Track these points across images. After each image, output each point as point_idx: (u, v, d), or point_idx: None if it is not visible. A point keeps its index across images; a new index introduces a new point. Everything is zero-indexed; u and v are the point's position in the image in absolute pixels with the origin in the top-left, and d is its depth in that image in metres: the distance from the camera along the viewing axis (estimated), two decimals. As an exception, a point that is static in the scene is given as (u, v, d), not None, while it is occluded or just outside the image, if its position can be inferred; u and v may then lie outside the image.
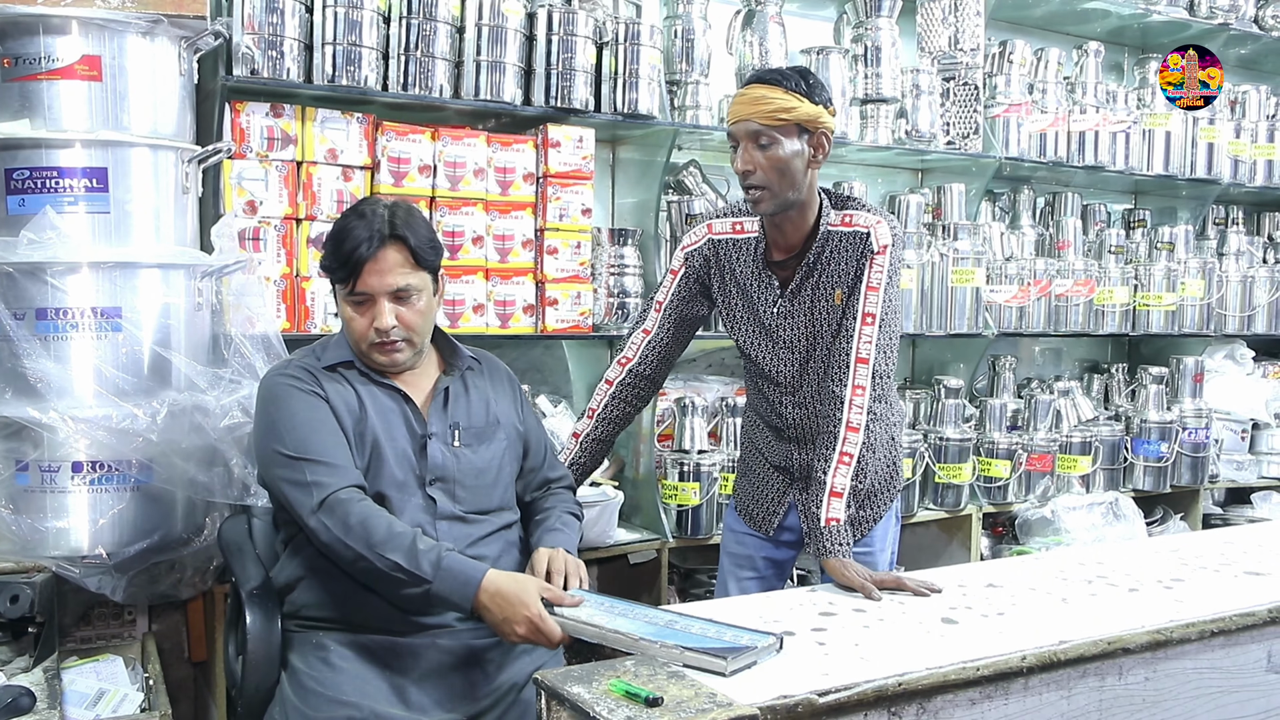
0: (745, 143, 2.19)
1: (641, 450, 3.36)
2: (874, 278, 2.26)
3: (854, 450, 2.20)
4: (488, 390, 2.17)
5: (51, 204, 2.22)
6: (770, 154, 2.17)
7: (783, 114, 2.15)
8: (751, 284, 2.37)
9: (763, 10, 3.52)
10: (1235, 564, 2.15)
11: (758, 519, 2.50)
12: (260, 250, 2.72)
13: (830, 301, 2.30)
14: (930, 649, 1.60)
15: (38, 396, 2.20)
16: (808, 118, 2.17)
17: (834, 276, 2.29)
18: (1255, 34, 4.58)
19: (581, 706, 1.33)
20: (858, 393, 2.23)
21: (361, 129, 2.84)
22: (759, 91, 2.18)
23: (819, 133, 2.20)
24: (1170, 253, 4.38)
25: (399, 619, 1.95)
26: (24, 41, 2.23)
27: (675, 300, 2.45)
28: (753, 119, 2.16)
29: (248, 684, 1.95)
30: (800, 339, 2.34)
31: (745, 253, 2.37)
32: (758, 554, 2.52)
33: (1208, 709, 1.76)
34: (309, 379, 2.01)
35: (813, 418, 2.37)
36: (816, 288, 2.31)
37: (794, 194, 2.21)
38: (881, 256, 2.26)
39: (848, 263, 2.28)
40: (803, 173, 2.20)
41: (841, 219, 2.29)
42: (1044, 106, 4.07)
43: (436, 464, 2.04)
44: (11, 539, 2.23)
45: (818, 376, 2.34)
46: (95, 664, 2.29)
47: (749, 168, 2.18)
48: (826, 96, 2.22)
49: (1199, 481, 4.26)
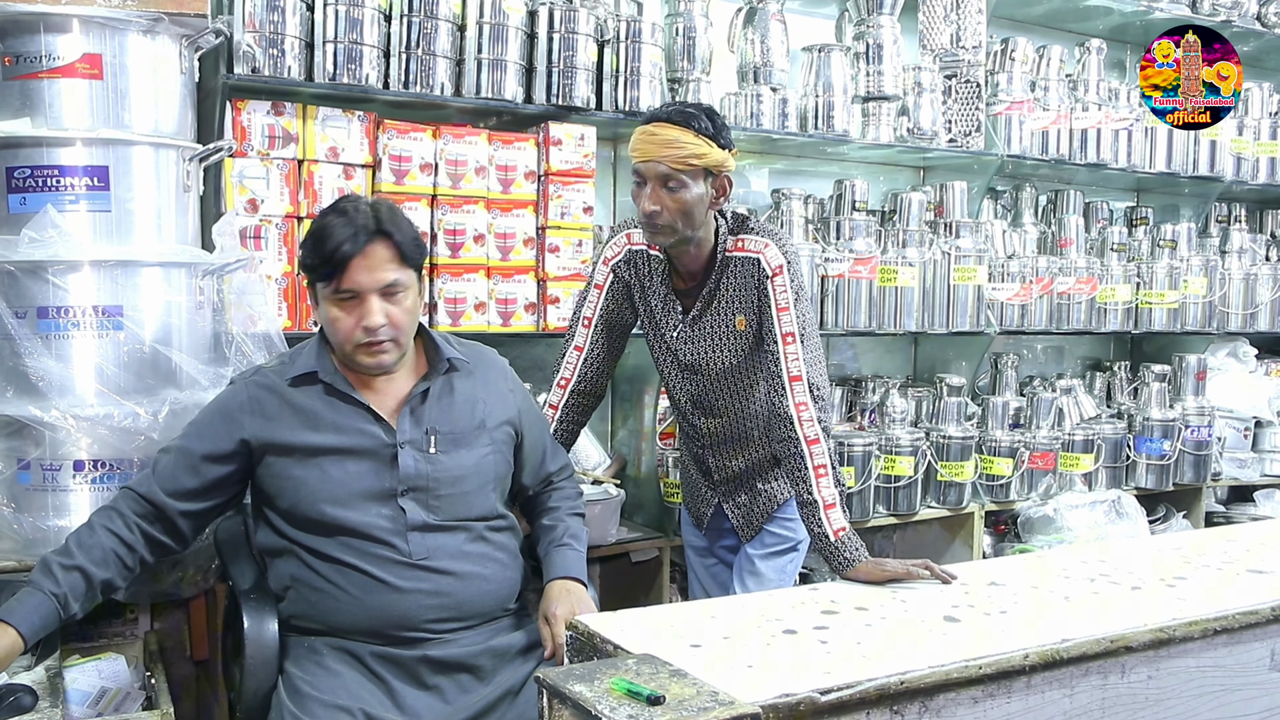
0: (653, 183, 2.21)
1: (643, 449, 3.36)
2: (780, 299, 2.30)
3: (824, 460, 2.24)
4: (475, 390, 2.12)
5: (53, 202, 2.22)
6: (677, 196, 2.20)
7: (693, 159, 2.18)
8: (658, 306, 2.44)
9: (764, 8, 3.52)
10: (1238, 562, 2.15)
11: (694, 514, 2.68)
12: (261, 248, 2.71)
13: (732, 327, 2.37)
14: (933, 647, 1.60)
15: (39, 395, 2.20)
16: (716, 164, 2.21)
17: (734, 303, 2.35)
18: (1258, 31, 4.57)
19: (583, 705, 1.33)
20: (802, 409, 2.27)
21: (363, 127, 2.84)
22: (671, 134, 2.19)
23: (722, 176, 2.24)
24: (1173, 250, 4.37)
25: (385, 629, 1.95)
26: (25, 40, 2.23)
27: (604, 312, 2.48)
28: (663, 161, 2.18)
29: (246, 687, 1.94)
30: (702, 363, 2.42)
31: (655, 271, 2.42)
32: (714, 544, 2.67)
33: (1210, 707, 1.76)
34: (248, 406, 2.01)
35: (723, 426, 2.49)
36: (716, 314, 2.37)
37: (693, 232, 2.26)
38: (780, 278, 2.30)
39: (746, 289, 2.33)
40: (704, 212, 2.25)
41: (735, 244, 2.33)
42: (1046, 104, 4.06)
43: (409, 473, 1.99)
44: (13, 538, 2.23)
45: (723, 394, 2.45)
46: (97, 662, 2.29)
47: (655, 208, 2.21)
48: (730, 139, 2.26)
49: (1201, 479, 4.25)
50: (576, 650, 1.73)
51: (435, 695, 1.95)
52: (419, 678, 1.95)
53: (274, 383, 2.03)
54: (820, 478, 2.23)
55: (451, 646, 1.98)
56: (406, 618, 1.95)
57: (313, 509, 1.96)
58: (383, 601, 1.94)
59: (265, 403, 2.01)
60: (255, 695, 1.94)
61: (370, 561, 1.95)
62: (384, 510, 1.98)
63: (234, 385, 2.09)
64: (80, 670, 2.24)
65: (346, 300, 1.95)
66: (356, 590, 1.95)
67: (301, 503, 1.97)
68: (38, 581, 1.86)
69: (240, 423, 2.00)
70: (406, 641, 1.96)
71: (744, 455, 2.52)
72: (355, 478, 1.98)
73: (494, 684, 1.98)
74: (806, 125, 3.58)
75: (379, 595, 1.94)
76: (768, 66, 3.54)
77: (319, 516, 1.96)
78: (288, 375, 2.03)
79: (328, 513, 1.96)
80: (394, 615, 1.95)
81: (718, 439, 2.52)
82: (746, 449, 2.51)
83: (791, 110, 3.52)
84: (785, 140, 3.59)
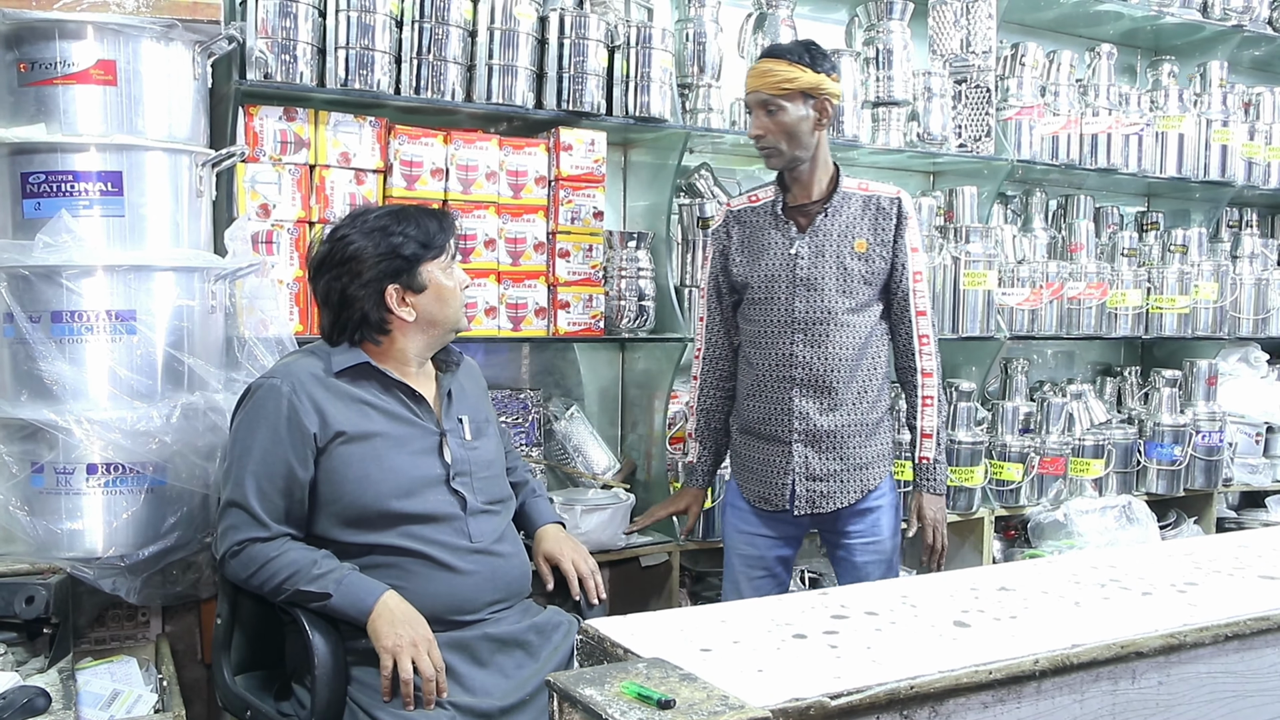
0: (757, 110, 2.51)
1: (653, 453, 3.37)
2: (913, 240, 2.58)
3: (933, 393, 2.59)
4: (470, 385, 2.26)
5: (67, 207, 2.24)
6: (777, 119, 2.48)
7: (786, 84, 2.46)
8: (769, 231, 2.60)
9: (774, 13, 3.53)
10: (1249, 568, 2.14)
11: (771, 498, 2.62)
12: (273, 253, 2.73)
13: (851, 247, 2.55)
14: (942, 652, 1.59)
15: (53, 399, 2.21)
16: (810, 86, 2.47)
17: (854, 228, 2.55)
18: (1269, 36, 4.56)
19: (594, 709, 1.33)
20: (924, 341, 2.59)
21: (374, 132, 2.85)
22: (766, 65, 2.50)
23: (822, 98, 2.50)
24: (1183, 255, 4.35)
25: (446, 615, 1.99)
26: (40, 46, 2.25)
27: (714, 279, 2.71)
28: (761, 90, 2.48)
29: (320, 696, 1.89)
30: (818, 276, 2.54)
31: (762, 212, 2.63)
32: (769, 552, 2.65)
33: (1222, 713, 1.76)
34: (301, 398, 1.99)
35: (824, 359, 2.55)
36: (835, 232, 2.55)
37: (802, 152, 2.51)
38: (913, 220, 2.58)
39: (868, 221, 2.55)
40: (809, 134, 2.50)
41: (858, 184, 2.59)
42: (1056, 109, 4.06)
43: (457, 458, 2.09)
44: (27, 540, 2.24)
45: (832, 319, 2.54)
46: (110, 665, 2.30)
47: (759, 132, 2.50)
48: (829, 65, 2.52)
49: (1213, 485, 4.23)
50: (587, 654, 1.73)
51: (497, 672, 2.01)
52: (479, 657, 2.00)
53: (320, 374, 2.04)
54: (926, 407, 2.59)
55: (502, 625, 2.05)
56: (470, 600, 2.02)
57: (377, 503, 2.00)
58: (448, 587, 2.00)
59: (317, 396, 2.01)
60: (329, 706, 1.92)
61: (436, 548, 2.01)
62: (442, 496, 2.05)
63: (269, 390, 2.02)
64: (92, 673, 2.25)
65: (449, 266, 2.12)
66: (420, 579, 1.99)
67: (365, 497, 1.99)
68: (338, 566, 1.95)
69: (296, 420, 1.99)
70: (464, 625, 2.01)
71: (834, 407, 2.56)
72: (412, 465, 2.03)
73: (543, 659, 2.06)
74: (816, 130, 3.58)
75: (443, 581, 2.00)
76: (778, 72, 3.54)
77: (384, 509, 1.99)
78: (334, 370, 2.04)
79: (393, 506, 2.00)
80: (457, 599, 2.01)
81: (812, 376, 2.55)
82: (835, 399, 2.56)
83: (801, 115, 3.52)
84: (795, 145, 3.59)
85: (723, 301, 2.70)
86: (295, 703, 2.01)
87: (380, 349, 2.10)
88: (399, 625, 1.88)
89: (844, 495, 2.58)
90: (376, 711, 1.90)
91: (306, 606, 1.93)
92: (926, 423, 2.58)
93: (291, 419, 1.98)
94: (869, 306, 2.58)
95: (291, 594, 1.92)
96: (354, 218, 2.11)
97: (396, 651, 1.87)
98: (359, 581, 1.93)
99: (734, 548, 2.70)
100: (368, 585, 1.93)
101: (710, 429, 2.77)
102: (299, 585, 1.91)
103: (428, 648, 1.89)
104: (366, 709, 1.91)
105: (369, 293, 2.05)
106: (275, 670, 2.14)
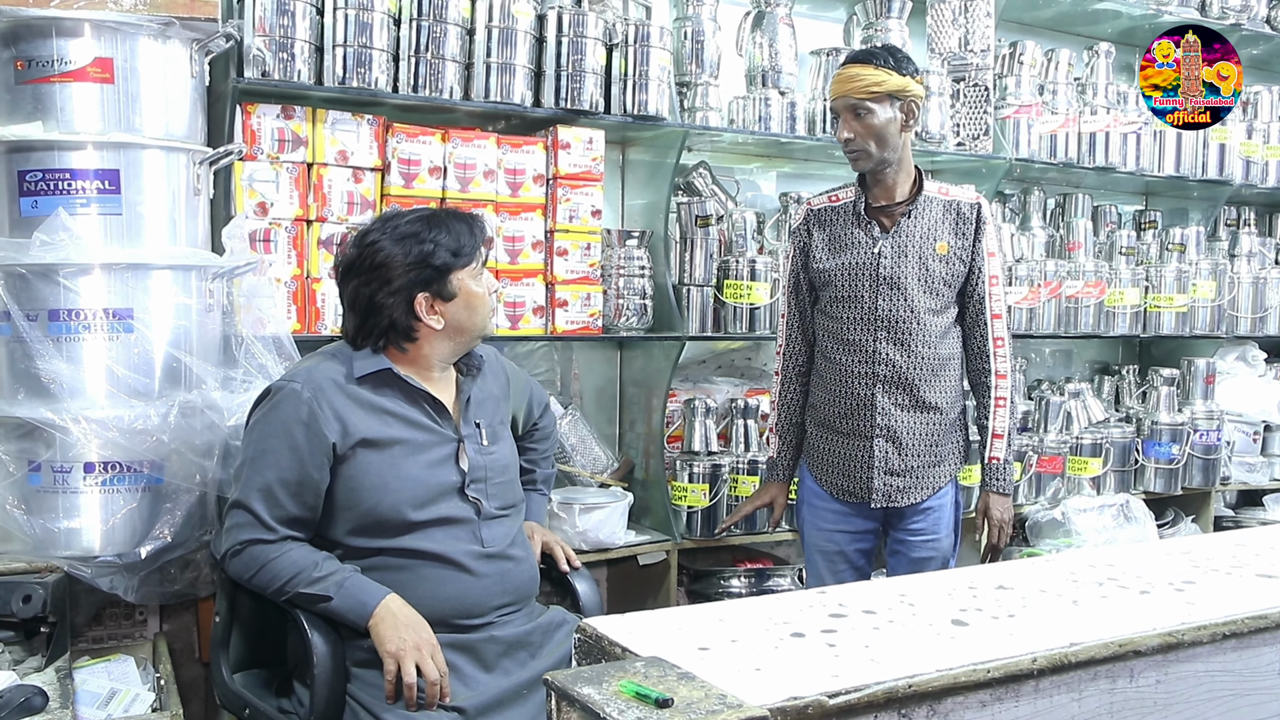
0: (845, 114, 2.55)
1: (651, 451, 3.36)
2: (991, 244, 2.64)
3: (1006, 394, 2.63)
4: (491, 388, 2.23)
5: (64, 206, 2.24)
6: (865, 122, 2.53)
7: (874, 87, 2.51)
8: (851, 231, 2.64)
9: (772, 12, 3.52)
10: (1247, 566, 2.14)
11: (852, 489, 2.67)
12: (271, 252, 2.72)
13: (933, 249, 2.60)
14: (941, 651, 1.59)
15: (50, 397, 2.21)
16: (897, 88, 2.52)
17: (935, 230, 2.61)
18: (1267, 34, 4.56)
19: (591, 708, 1.33)
20: (999, 344, 2.63)
21: (372, 130, 2.85)
22: (853, 70, 2.54)
23: (908, 100, 2.55)
24: (1181, 254, 4.36)
25: (455, 618, 2.00)
26: (37, 44, 2.25)
27: (794, 276, 2.74)
28: (850, 94, 2.53)
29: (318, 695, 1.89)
30: (901, 276, 2.58)
31: (843, 212, 2.67)
32: (849, 547, 2.72)
33: (1220, 712, 1.76)
34: (321, 404, 1.97)
35: (908, 357, 2.60)
36: (918, 234, 2.60)
37: (890, 154, 2.56)
38: (991, 225, 2.64)
39: (949, 225, 2.61)
40: (896, 135, 2.56)
41: (939, 189, 2.65)
42: (1054, 107, 4.06)
43: (475, 464, 2.09)
44: (24, 539, 2.24)
45: (915, 318, 2.59)
46: (107, 664, 2.30)
47: (849, 135, 2.55)
48: (913, 68, 2.57)
49: (1210, 484, 4.24)
50: (584, 652, 1.73)
51: (501, 674, 2.02)
52: (484, 660, 2.01)
53: (338, 383, 2.01)
54: (999, 408, 2.63)
55: (509, 627, 2.06)
56: (479, 605, 2.03)
57: (394, 511, 1.99)
58: (458, 591, 2.01)
59: (337, 404, 1.99)
60: (328, 705, 1.91)
61: (449, 553, 2.01)
62: (458, 502, 2.05)
63: (290, 395, 1.97)
64: (90, 671, 2.25)
65: (479, 273, 2.09)
66: (431, 583, 2.00)
67: (382, 506, 1.98)
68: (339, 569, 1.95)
69: (314, 428, 1.96)
70: (471, 629, 2.02)
71: (915, 405, 2.60)
72: (429, 474, 2.03)
73: (543, 655, 2.07)
74: (815, 128, 3.58)
75: (454, 586, 2.01)
76: (776, 70, 3.54)
77: (401, 518, 1.99)
78: (356, 375, 2.02)
79: (409, 515, 1.99)
80: (467, 603, 2.02)
81: (896, 374, 2.59)
82: (917, 397, 2.59)
83: (800, 113, 3.53)
84: (793, 144, 3.59)
85: (801, 299, 2.74)
86: (296, 700, 2.01)
87: (405, 355, 2.07)
88: (402, 629, 1.88)
89: (918, 491, 2.64)
90: (380, 712, 1.90)
91: (307, 608, 1.92)
92: (998, 424, 2.62)
93: (311, 425, 1.95)
94: (949, 308, 2.64)
95: (292, 596, 1.92)
96: (384, 221, 2.07)
97: (400, 655, 1.87)
98: (360, 584, 1.93)
99: (814, 544, 2.75)
100: (369, 588, 1.92)
101: (791, 423, 2.81)
102: (300, 587, 1.91)
103: (431, 651, 1.89)
104: (369, 709, 1.91)
105: (398, 301, 2.01)
106: (273, 668, 2.14)
